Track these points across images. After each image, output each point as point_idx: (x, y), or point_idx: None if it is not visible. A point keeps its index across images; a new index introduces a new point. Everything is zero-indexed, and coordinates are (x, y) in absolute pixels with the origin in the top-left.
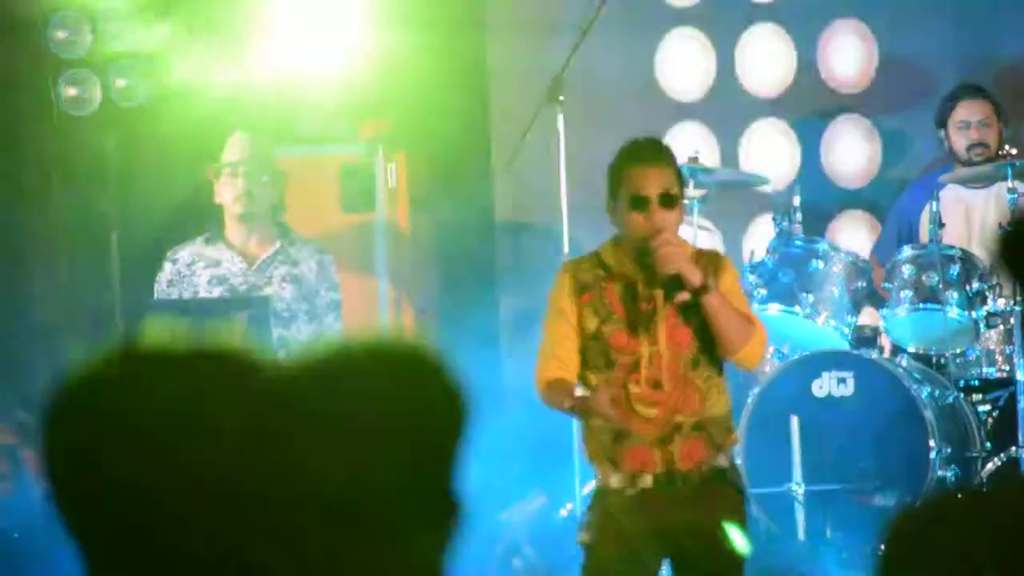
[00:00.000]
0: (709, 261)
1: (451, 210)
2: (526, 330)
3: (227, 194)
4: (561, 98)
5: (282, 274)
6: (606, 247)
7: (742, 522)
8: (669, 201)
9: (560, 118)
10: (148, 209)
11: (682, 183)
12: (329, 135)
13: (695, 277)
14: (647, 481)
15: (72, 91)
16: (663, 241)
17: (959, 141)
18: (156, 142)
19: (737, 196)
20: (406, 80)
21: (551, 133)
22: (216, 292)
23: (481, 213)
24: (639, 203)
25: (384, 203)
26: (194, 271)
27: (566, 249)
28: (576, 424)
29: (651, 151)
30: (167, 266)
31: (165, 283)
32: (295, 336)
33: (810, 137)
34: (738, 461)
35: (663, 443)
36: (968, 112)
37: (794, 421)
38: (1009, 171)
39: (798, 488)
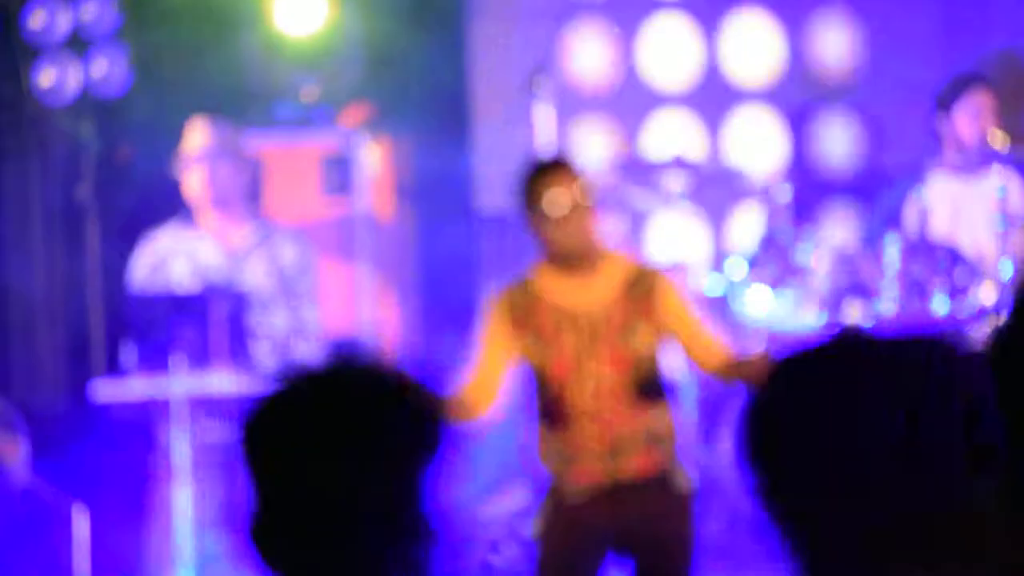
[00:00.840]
0: (643, 280)
1: (433, 198)
2: None
3: (194, 184)
4: (543, 88)
5: (260, 262)
6: (534, 271)
7: (687, 521)
8: (581, 213)
9: (541, 108)
10: (126, 199)
11: (591, 192)
12: (311, 122)
13: None
14: (596, 489)
15: (48, 79)
16: None
17: (967, 127)
18: (134, 130)
19: (722, 185)
20: (389, 67)
21: (532, 122)
22: (194, 282)
23: (463, 201)
24: (554, 220)
25: (366, 190)
26: (172, 260)
27: None
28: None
29: (557, 168)
30: (146, 251)
31: (147, 268)
32: (274, 324)
33: (797, 126)
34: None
35: (611, 458)
36: (978, 103)
37: None
38: (999, 163)
39: None
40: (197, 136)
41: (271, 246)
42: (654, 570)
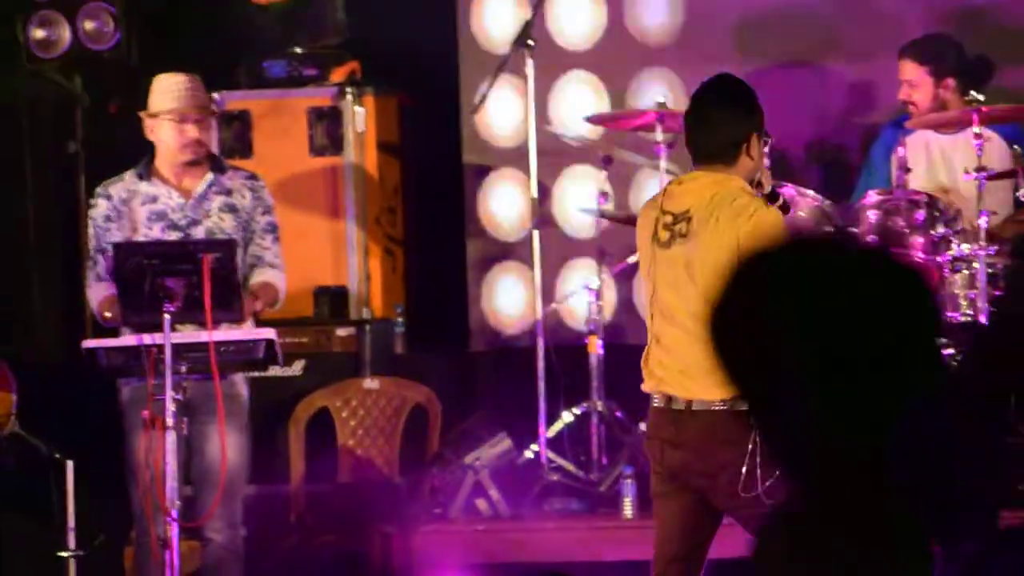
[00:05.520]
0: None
1: (419, 154)
2: (493, 273)
3: (173, 140)
4: (531, 43)
5: (219, 204)
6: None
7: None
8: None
9: (530, 63)
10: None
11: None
12: (300, 78)
13: None
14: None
15: (41, 33)
16: None
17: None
18: (124, 83)
19: None
20: (377, 24)
21: (520, 78)
22: (156, 228)
23: (449, 157)
24: None
25: (352, 146)
26: (131, 207)
27: (534, 194)
28: (542, 366)
29: None
30: (101, 202)
31: (102, 218)
32: (239, 267)
33: (778, 81)
34: None
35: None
36: (901, 71)
37: None
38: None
39: None
40: (177, 92)
41: (227, 188)
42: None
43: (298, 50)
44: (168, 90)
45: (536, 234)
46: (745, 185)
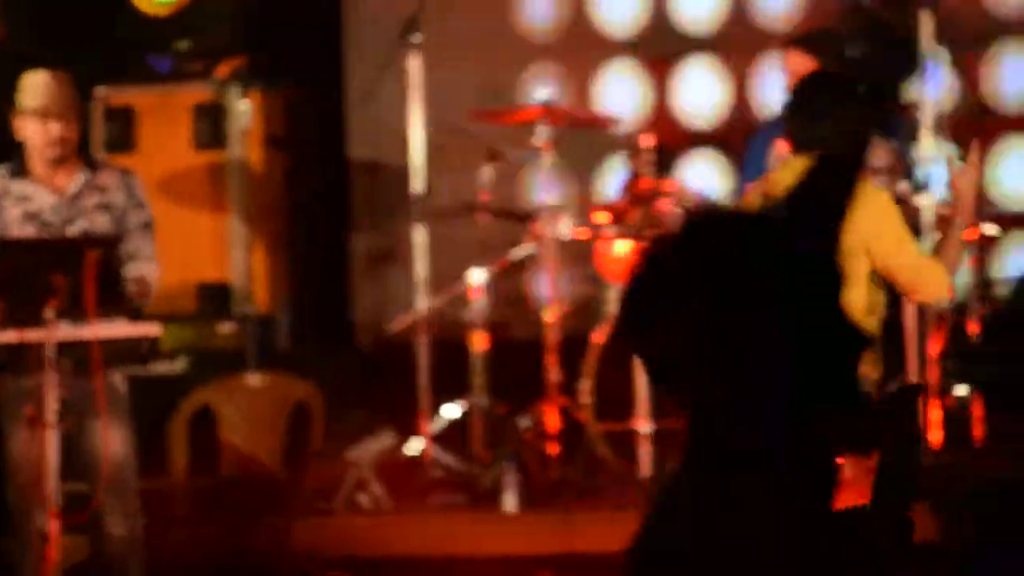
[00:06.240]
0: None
1: (305, 148)
2: (377, 268)
3: (37, 138)
4: (416, 37)
5: (93, 204)
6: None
7: None
8: None
9: (415, 57)
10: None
11: None
12: (184, 74)
13: None
14: None
15: None
16: None
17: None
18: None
19: (590, 136)
20: (262, 18)
21: (406, 72)
22: (28, 228)
23: (335, 152)
24: None
25: (237, 141)
26: (3, 207)
27: (420, 189)
28: (426, 362)
29: None
30: None
31: None
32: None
33: (662, 78)
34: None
35: None
36: (787, 61)
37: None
38: None
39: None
40: (42, 89)
41: (101, 187)
42: None
43: (183, 45)
44: (32, 87)
45: (420, 229)
46: None
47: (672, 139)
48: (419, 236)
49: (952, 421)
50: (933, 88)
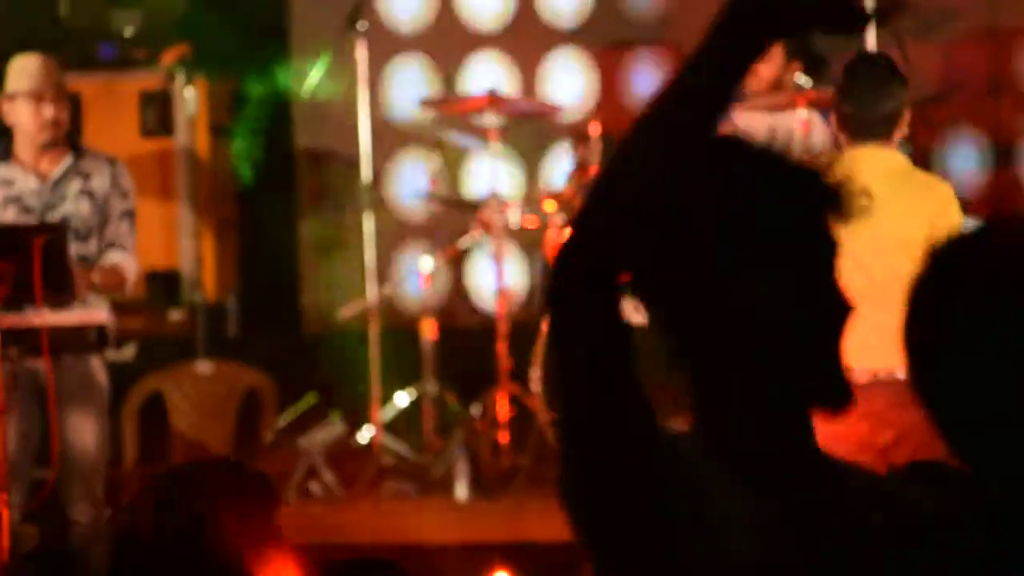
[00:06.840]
0: None
1: (251, 137)
2: (325, 257)
3: (30, 121)
4: (361, 26)
5: (76, 189)
6: None
7: None
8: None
9: (360, 45)
10: None
11: None
12: (130, 61)
13: None
14: None
15: None
16: None
17: (765, 67)
18: None
19: (536, 125)
20: (208, 6)
21: (351, 61)
22: (10, 212)
23: (281, 140)
24: None
25: (183, 129)
26: None
27: (366, 177)
28: (376, 350)
29: None
30: None
31: None
32: (93, 252)
33: (609, 67)
34: None
35: None
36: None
37: None
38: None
39: None
40: (33, 72)
41: (85, 172)
42: None
43: (128, 32)
44: (23, 70)
45: (369, 217)
46: None
47: (619, 127)
48: (368, 224)
49: None
50: None
